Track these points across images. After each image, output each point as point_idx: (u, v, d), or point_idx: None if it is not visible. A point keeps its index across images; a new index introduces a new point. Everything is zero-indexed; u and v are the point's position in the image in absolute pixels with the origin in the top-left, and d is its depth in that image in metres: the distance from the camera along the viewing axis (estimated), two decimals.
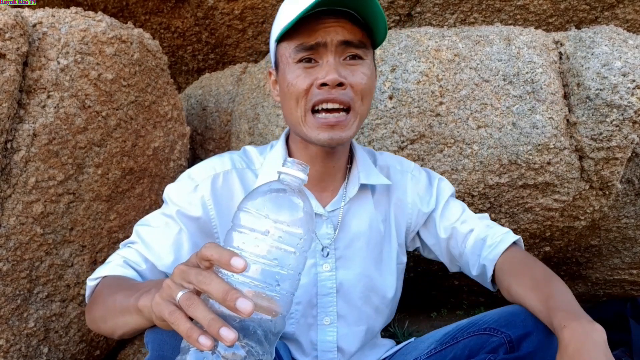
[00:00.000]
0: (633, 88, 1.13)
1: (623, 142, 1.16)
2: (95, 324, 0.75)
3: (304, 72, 0.76)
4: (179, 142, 1.36)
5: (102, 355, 1.27)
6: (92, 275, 0.81)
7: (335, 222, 0.88)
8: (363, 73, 0.76)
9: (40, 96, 0.98)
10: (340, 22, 0.74)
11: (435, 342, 0.86)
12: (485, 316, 0.80)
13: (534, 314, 0.72)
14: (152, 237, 0.83)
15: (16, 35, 0.91)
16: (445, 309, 1.73)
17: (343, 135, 0.77)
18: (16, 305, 1.03)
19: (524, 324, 0.72)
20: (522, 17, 1.70)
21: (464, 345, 0.78)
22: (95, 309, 0.75)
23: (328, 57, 0.74)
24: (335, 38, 0.74)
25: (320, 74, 0.74)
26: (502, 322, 0.75)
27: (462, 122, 1.21)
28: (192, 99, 1.70)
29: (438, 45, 1.25)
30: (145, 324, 0.64)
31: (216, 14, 1.75)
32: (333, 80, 0.73)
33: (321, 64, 0.75)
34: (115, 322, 0.69)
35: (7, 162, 0.96)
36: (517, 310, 0.75)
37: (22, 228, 1.00)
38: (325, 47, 0.74)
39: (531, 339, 0.70)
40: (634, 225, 1.38)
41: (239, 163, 0.89)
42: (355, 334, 0.90)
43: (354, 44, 0.75)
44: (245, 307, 0.46)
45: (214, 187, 0.85)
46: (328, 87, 0.74)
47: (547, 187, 1.23)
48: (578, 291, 1.64)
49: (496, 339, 0.73)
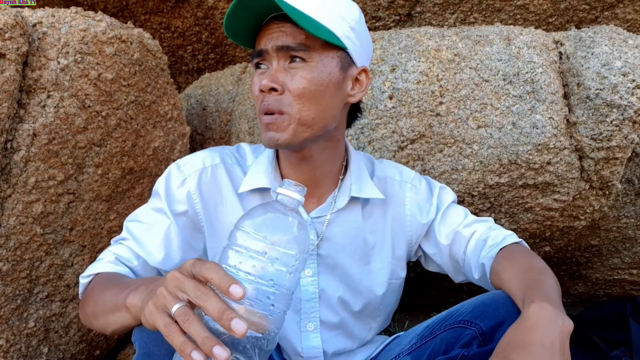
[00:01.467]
0: (633, 88, 1.13)
1: (623, 142, 1.16)
2: (88, 321, 0.76)
3: (257, 77, 0.79)
4: (179, 142, 1.36)
5: (102, 355, 1.27)
6: (85, 272, 0.81)
7: (319, 229, 0.87)
8: (302, 77, 0.75)
9: (40, 96, 0.98)
10: (282, 26, 0.75)
11: (416, 336, 0.86)
12: (461, 307, 0.80)
13: (512, 297, 0.72)
14: (143, 234, 0.84)
15: (16, 35, 0.91)
16: (445, 309, 1.73)
17: (278, 136, 0.76)
18: (16, 305, 1.03)
19: (496, 313, 0.71)
20: (522, 17, 1.70)
21: (441, 339, 0.78)
22: (87, 306, 0.76)
23: (272, 63, 0.77)
24: (274, 44, 0.75)
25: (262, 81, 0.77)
26: (476, 313, 0.74)
27: (462, 122, 1.21)
28: (192, 98, 1.70)
29: (438, 45, 1.25)
30: (133, 322, 0.65)
31: (216, 13, 1.75)
32: (264, 86, 0.75)
33: (268, 71, 0.78)
34: (106, 320, 0.69)
35: (7, 162, 0.96)
36: (489, 300, 0.75)
37: (22, 228, 1.00)
38: (268, 53, 0.76)
39: (504, 328, 0.69)
40: (634, 225, 1.38)
41: (229, 158, 0.90)
42: (339, 341, 0.91)
43: (292, 48, 0.75)
44: (239, 328, 0.47)
45: (200, 182, 0.86)
46: (264, 92, 0.76)
47: (547, 187, 1.23)
48: (578, 291, 1.64)
49: (470, 332, 0.73)
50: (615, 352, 1.35)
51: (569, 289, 1.65)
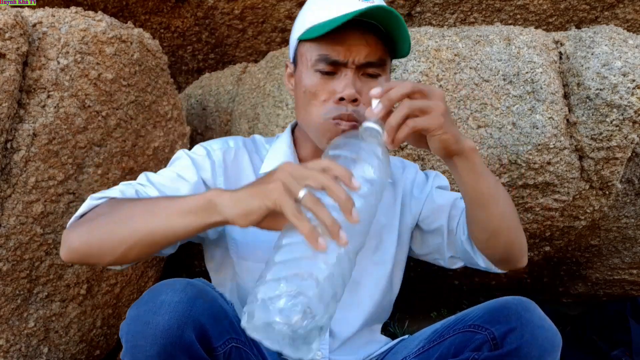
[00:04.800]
0: (633, 88, 1.13)
1: (623, 142, 1.16)
2: (93, 237, 0.67)
3: (322, 81, 0.78)
4: (179, 142, 1.36)
5: (102, 355, 1.27)
6: (96, 194, 0.74)
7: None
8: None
9: (40, 96, 0.98)
10: (365, 37, 0.75)
11: (423, 340, 0.85)
12: (471, 312, 0.79)
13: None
14: (167, 183, 0.80)
15: (16, 35, 0.91)
16: (446, 309, 1.73)
17: None
18: (16, 305, 1.03)
19: (507, 319, 0.71)
20: (522, 17, 1.70)
21: (449, 343, 0.78)
22: (99, 219, 0.68)
23: (347, 71, 0.76)
24: (357, 58, 0.75)
25: (338, 87, 0.76)
26: (487, 319, 0.74)
27: (462, 122, 1.21)
28: (192, 98, 1.70)
29: (438, 45, 1.25)
30: (190, 227, 0.63)
31: (216, 13, 1.75)
32: (349, 95, 0.75)
33: (339, 75, 0.77)
34: (139, 225, 0.64)
35: (7, 162, 0.96)
36: (501, 306, 0.74)
37: (22, 228, 1.00)
38: (345, 65, 0.76)
39: (515, 334, 0.69)
40: (634, 225, 1.38)
41: (250, 146, 0.92)
42: (348, 320, 0.89)
43: (374, 64, 0.76)
44: (355, 216, 0.55)
45: (226, 159, 0.87)
46: (345, 101, 0.76)
47: (547, 187, 1.23)
48: (578, 291, 1.64)
49: (480, 337, 0.73)
50: (615, 352, 1.36)
51: (569, 289, 1.65)
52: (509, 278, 1.53)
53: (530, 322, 0.69)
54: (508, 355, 0.68)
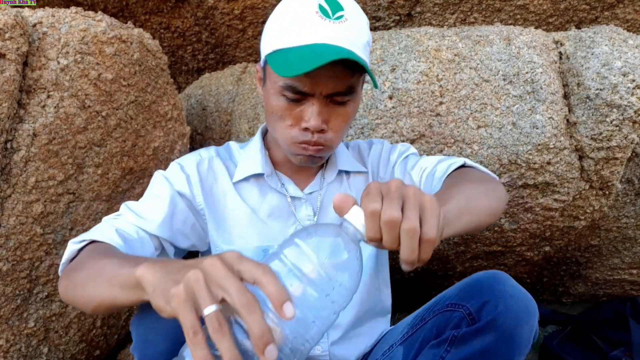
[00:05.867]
0: (633, 88, 1.13)
1: (623, 142, 1.16)
2: (71, 291, 0.67)
3: (288, 105, 0.77)
4: (179, 142, 1.36)
5: (102, 355, 1.27)
6: (76, 238, 0.75)
7: (315, 205, 0.92)
8: (344, 115, 0.78)
9: (40, 96, 0.98)
10: (334, 69, 0.72)
11: (407, 326, 0.87)
12: (448, 292, 0.81)
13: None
14: (142, 205, 0.83)
15: (16, 35, 0.91)
16: None
17: (321, 161, 0.83)
18: (16, 305, 1.03)
19: (480, 293, 0.72)
20: (522, 17, 1.70)
21: (431, 325, 0.79)
22: (75, 274, 0.68)
23: (314, 100, 0.75)
24: (325, 90, 0.74)
25: (304, 115, 0.76)
26: (462, 296, 0.76)
27: (462, 122, 1.21)
28: (192, 98, 1.70)
29: (438, 45, 1.25)
30: (131, 300, 0.57)
31: (216, 13, 1.75)
32: (315, 127, 0.76)
33: (306, 103, 0.76)
34: (96, 291, 0.62)
35: (7, 162, 0.96)
36: (473, 282, 0.76)
37: (22, 228, 1.00)
38: (313, 95, 0.75)
39: (489, 307, 0.70)
40: (634, 225, 1.38)
41: (223, 154, 0.95)
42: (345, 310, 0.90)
43: (342, 93, 0.75)
44: (271, 356, 0.43)
45: (199, 169, 0.90)
46: (309, 130, 0.77)
47: (547, 187, 1.23)
48: (578, 291, 1.64)
49: (457, 314, 0.74)
50: (615, 352, 1.36)
51: (569, 289, 1.65)
52: None
53: (503, 293, 0.70)
54: (485, 327, 0.69)
